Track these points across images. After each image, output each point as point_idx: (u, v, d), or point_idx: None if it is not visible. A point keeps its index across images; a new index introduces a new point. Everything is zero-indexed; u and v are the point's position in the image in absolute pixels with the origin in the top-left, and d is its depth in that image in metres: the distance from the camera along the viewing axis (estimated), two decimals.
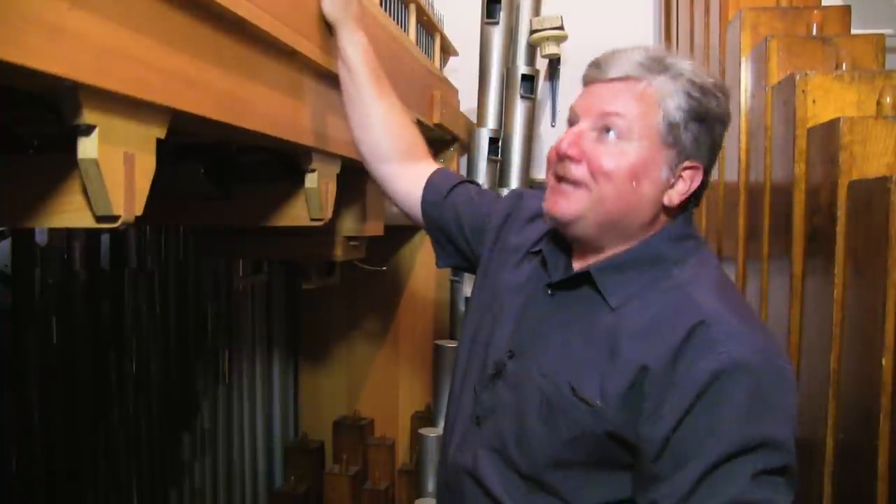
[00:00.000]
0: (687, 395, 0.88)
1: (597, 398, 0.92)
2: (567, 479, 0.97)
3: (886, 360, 1.17)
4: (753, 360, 0.88)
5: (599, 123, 0.97)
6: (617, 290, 0.97)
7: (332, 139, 1.37)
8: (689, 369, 0.88)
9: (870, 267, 1.22)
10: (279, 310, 2.90)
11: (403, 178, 1.31)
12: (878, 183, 1.21)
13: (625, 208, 0.97)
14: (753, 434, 0.87)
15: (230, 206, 1.57)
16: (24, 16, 0.59)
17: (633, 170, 0.95)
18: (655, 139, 0.96)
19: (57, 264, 1.88)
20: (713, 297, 0.94)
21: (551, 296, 1.04)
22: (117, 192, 0.76)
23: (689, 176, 0.98)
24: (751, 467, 0.87)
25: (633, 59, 0.97)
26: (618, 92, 0.97)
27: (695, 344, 0.88)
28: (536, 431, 0.98)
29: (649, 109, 0.95)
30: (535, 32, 2.55)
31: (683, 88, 0.96)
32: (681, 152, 0.97)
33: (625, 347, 0.93)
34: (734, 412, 0.87)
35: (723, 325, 0.90)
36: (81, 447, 1.92)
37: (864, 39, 1.66)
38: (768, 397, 0.89)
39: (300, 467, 2.79)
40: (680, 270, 0.97)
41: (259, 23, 0.98)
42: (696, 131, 0.96)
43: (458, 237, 1.27)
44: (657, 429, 0.89)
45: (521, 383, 1.02)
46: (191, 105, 0.87)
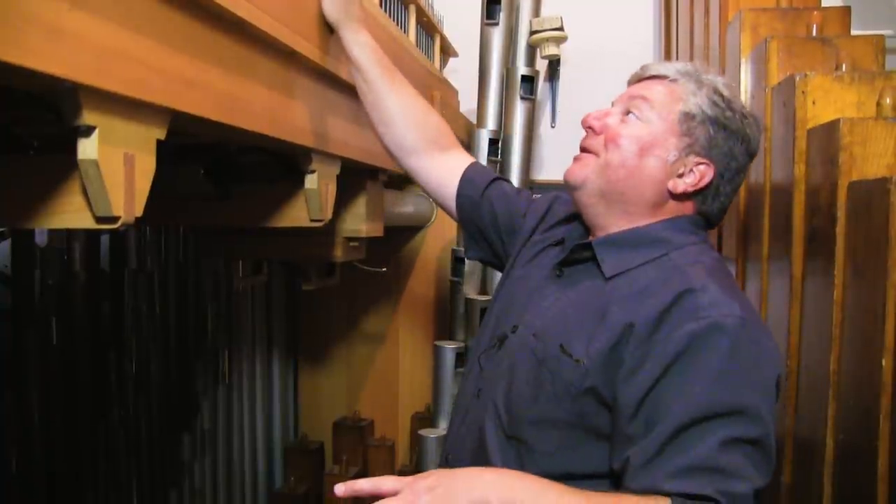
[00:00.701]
0: (664, 357, 0.90)
1: (582, 356, 0.97)
2: (546, 441, 0.99)
3: (886, 361, 1.17)
4: (733, 327, 0.91)
5: (626, 106, 1.06)
6: (613, 262, 1.03)
7: (331, 140, 1.37)
8: (670, 332, 0.91)
9: (870, 268, 1.22)
10: (279, 310, 2.90)
11: (434, 169, 1.33)
12: (878, 184, 1.21)
13: (627, 179, 1.03)
14: (724, 399, 0.89)
15: (230, 206, 1.57)
16: (24, 16, 0.59)
17: (640, 142, 1.03)
18: (670, 124, 1.03)
19: (57, 265, 1.88)
20: (705, 273, 0.97)
21: (559, 276, 1.10)
22: (117, 192, 0.76)
23: (699, 172, 1.03)
24: (721, 432, 0.88)
25: (673, 66, 1.07)
26: (650, 84, 1.07)
27: (680, 308, 0.92)
28: (522, 389, 1.02)
29: (672, 100, 1.03)
30: (535, 33, 2.56)
31: (708, 95, 1.03)
32: (692, 144, 1.03)
33: (612, 311, 0.97)
34: (707, 375, 0.89)
35: (709, 293, 0.93)
36: (81, 447, 1.92)
37: (864, 40, 1.66)
38: (744, 365, 0.91)
39: (300, 468, 2.79)
40: (679, 255, 1.02)
41: (259, 23, 0.98)
42: (711, 132, 1.03)
43: (492, 233, 1.31)
44: (633, 389, 0.92)
45: (517, 349, 1.06)
46: (191, 106, 0.87)
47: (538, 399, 1.00)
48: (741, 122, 1.05)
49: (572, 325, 1.01)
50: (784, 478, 1.53)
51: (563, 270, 1.10)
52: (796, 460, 1.50)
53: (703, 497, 0.86)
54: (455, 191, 1.31)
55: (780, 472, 1.53)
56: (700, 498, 0.86)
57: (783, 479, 1.53)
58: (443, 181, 1.32)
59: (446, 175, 1.32)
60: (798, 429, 1.49)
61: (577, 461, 0.98)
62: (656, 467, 0.89)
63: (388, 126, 1.30)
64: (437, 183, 1.33)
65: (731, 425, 0.88)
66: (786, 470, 1.52)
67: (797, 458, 1.50)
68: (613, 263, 1.03)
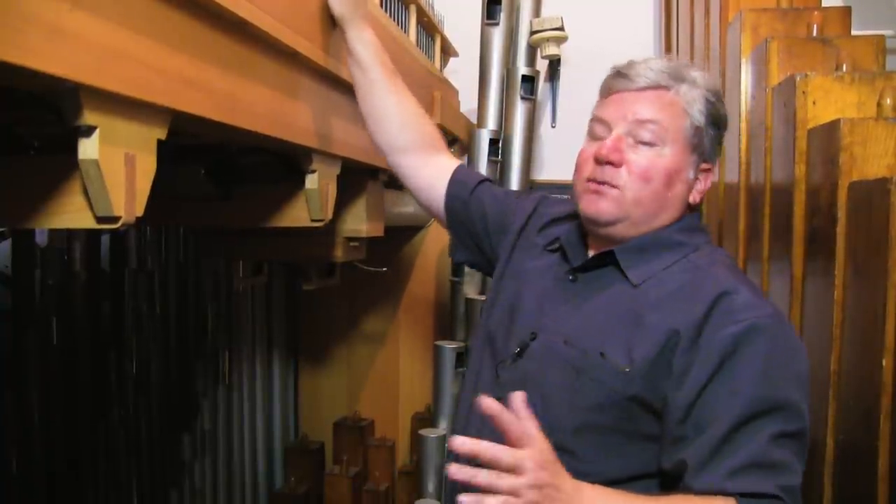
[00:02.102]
0: (710, 361, 0.93)
1: (625, 363, 0.97)
2: (589, 446, 0.99)
3: (887, 361, 1.17)
4: (769, 326, 0.95)
5: (635, 130, 1.04)
6: (638, 269, 1.04)
7: (332, 140, 1.37)
8: (713, 335, 0.94)
9: (870, 268, 1.22)
10: (279, 311, 2.89)
11: (424, 169, 1.34)
12: (879, 184, 1.21)
13: (659, 209, 1.05)
14: (771, 396, 0.92)
15: (230, 206, 1.57)
16: (24, 16, 0.59)
17: (668, 173, 1.03)
18: (684, 144, 1.04)
19: (57, 265, 1.88)
20: (729, 274, 1.02)
21: (573, 281, 1.10)
22: (118, 192, 0.76)
23: (705, 176, 1.08)
24: (770, 428, 0.91)
25: (658, 69, 1.05)
26: (649, 100, 1.04)
27: (718, 312, 0.95)
28: (562, 398, 1.01)
29: (678, 116, 1.04)
30: (536, 33, 2.55)
31: (703, 95, 1.05)
32: (702, 154, 1.06)
33: (650, 317, 0.99)
34: (752, 374, 0.93)
35: (742, 294, 0.97)
36: (81, 447, 1.92)
37: (865, 40, 1.65)
38: (782, 362, 0.95)
39: (300, 468, 2.79)
40: (697, 256, 1.05)
41: (259, 24, 0.98)
42: (713, 134, 1.07)
43: (481, 234, 1.31)
44: (683, 392, 0.94)
45: (545, 356, 1.06)
46: (191, 106, 0.87)
47: (579, 407, 1.00)
48: (723, 107, 1.08)
49: (607, 331, 1.01)
50: None
51: (577, 276, 1.10)
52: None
53: (767, 495, 0.90)
54: (443, 191, 1.32)
55: None
56: (763, 496, 0.90)
57: None
58: (432, 182, 1.34)
59: (435, 176, 1.33)
60: None
61: (619, 465, 0.99)
62: (715, 467, 0.91)
63: (382, 124, 1.30)
64: (427, 184, 1.34)
65: (778, 421, 0.92)
66: None
67: None
68: (640, 270, 1.04)
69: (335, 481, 2.68)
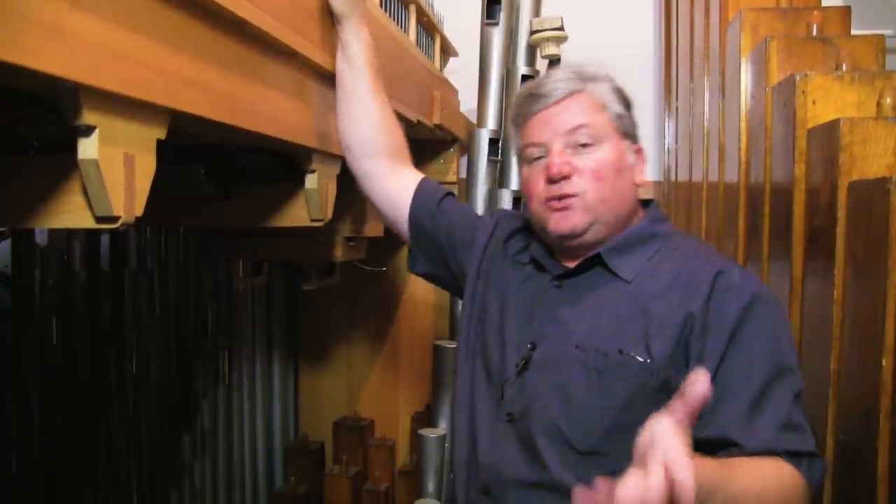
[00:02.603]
0: (723, 335, 0.98)
1: (645, 356, 1.00)
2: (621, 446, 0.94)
3: (887, 361, 1.17)
4: (766, 296, 1.03)
5: (571, 139, 1.08)
6: (627, 266, 1.08)
7: (332, 140, 1.37)
8: (721, 312, 0.99)
9: (870, 268, 1.22)
10: (279, 310, 2.89)
11: (390, 178, 1.33)
12: (879, 184, 1.21)
13: (620, 201, 1.10)
14: (783, 360, 0.99)
15: (230, 206, 1.57)
16: (24, 16, 0.59)
17: (614, 165, 1.09)
18: (615, 134, 1.10)
19: (57, 265, 1.88)
20: (715, 256, 1.09)
21: (558, 287, 1.12)
22: (117, 192, 0.76)
23: (639, 157, 1.14)
24: (789, 388, 0.98)
25: (566, 77, 1.12)
26: (571, 108, 1.10)
27: (719, 290, 1.01)
28: (588, 403, 1.02)
29: (600, 112, 1.10)
30: (535, 33, 2.55)
31: (610, 86, 1.12)
32: (630, 138, 1.13)
33: (656, 307, 1.02)
34: (763, 341, 0.99)
35: (735, 271, 1.04)
36: (81, 447, 1.92)
37: (865, 40, 1.65)
38: (781, 326, 1.03)
39: (300, 468, 2.79)
40: (674, 244, 1.11)
41: (259, 23, 0.98)
42: (630, 117, 1.14)
43: (447, 247, 1.31)
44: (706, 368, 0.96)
45: (556, 365, 1.06)
46: (191, 106, 0.87)
47: (608, 408, 1.00)
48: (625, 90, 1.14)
49: (618, 329, 1.03)
50: None
51: (562, 282, 1.12)
52: None
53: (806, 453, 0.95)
54: (409, 202, 1.32)
55: None
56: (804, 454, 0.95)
57: None
58: (397, 191, 1.33)
59: (401, 185, 1.34)
60: None
61: None
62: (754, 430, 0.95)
63: (356, 123, 1.29)
64: (392, 192, 1.34)
65: (793, 382, 0.99)
66: None
67: None
68: (628, 267, 1.08)
69: (335, 481, 2.68)
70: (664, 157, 2.82)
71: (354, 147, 1.32)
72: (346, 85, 1.28)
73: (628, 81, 1.16)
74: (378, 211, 1.40)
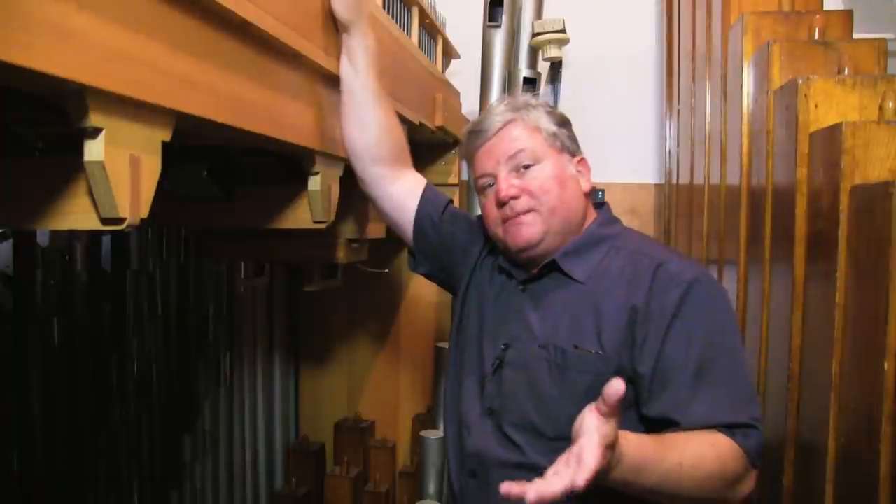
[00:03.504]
0: (664, 321, 1.08)
1: (597, 348, 1.12)
2: None
3: (888, 365, 1.17)
4: (704, 281, 1.13)
5: (512, 163, 1.20)
6: (580, 268, 1.19)
7: (335, 142, 1.37)
8: (661, 300, 1.09)
9: (872, 271, 1.22)
10: (281, 312, 2.90)
11: (396, 183, 1.40)
12: (881, 187, 1.21)
13: (569, 209, 1.20)
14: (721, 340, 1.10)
15: (232, 207, 1.57)
16: (32, 18, 0.59)
17: (558, 178, 1.20)
18: (552, 150, 1.22)
19: (58, 266, 1.88)
20: (657, 249, 1.20)
21: (523, 291, 1.24)
22: (123, 194, 0.76)
23: (583, 167, 1.25)
24: (727, 368, 1.08)
25: (501, 111, 1.24)
26: (508, 136, 1.22)
27: (659, 280, 1.11)
28: (553, 395, 1.13)
29: (534, 133, 1.22)
30: (537, 36, 2.56)
31: (543, 111, 1.24)
32: (568, 151, 1.24)
33: (605, 302, 1.13)
34: (701, 324, 1.09)
35: (674, 262, 1.14)
36: (82, 448, 1.92)
37: (866, 44, 1.66)
38: (720, 308, 1.13)
39: (301, 469, 2.79)
40: (621, 242, 1.22)
41: (263, 26, 0.98)
42: (566, 132, 1.25)
43: (447, 252, 1.41)
44: (646, 355, 1.08)
45: (525, 362, 1.19)
46: (195, 107, 0.87)
47: (573, 397, 1.09)
48: (558, 111, 1.27)
49: (574, 326, 1.15)
50: (786, 481, 1.53)
51: (526, 287, 1.24)
52: (798, 463, 1.50)
53: (744, 424, 1.04)
54: (414, 207, 1.40)
55: (781, 474, 1.53)
56: (741, 426, 1.04)
57: (784, 481, 1.53)
58: (403, 195, 1.41)
59: (406, 190, 1.41)
60: (800, 432, 1.49)
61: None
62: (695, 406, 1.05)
63: (363, 130, 1.34)
64: (398, 196, 1.41)
65: (732, 361, 1.09)
66: (787, 473, 1.52)
67: (799, 461, 1.50)
68: (581, 269, 1.19)
69: (336, 482, 2.68)
70: (665, 159, 2.82)
71: (360, 153, 1.36)
72: (352, 92, 1.31)
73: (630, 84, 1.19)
74: (381, 214, 1.46)
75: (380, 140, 1.34)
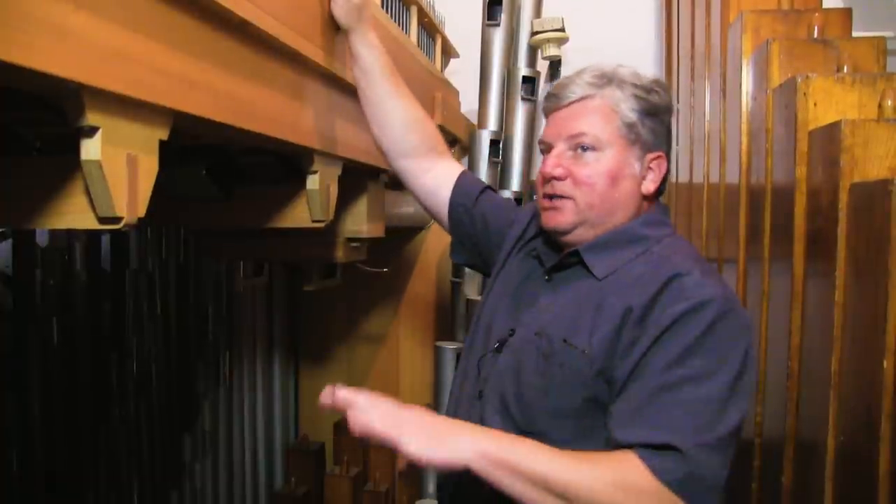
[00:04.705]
0: (654, 333, 0.99)
1: (585, 345, 1.04)
2: (563, 429, 1.05)
3: (888, 362, 1.17)
4: (716, 304, 0.99)
5: (572, 143, 1.11)
6: (602, 264, 1.10)
7: (334, 141, 1.37)
8: (662, 312, 0.99)
9: (871, 269, 1.22)
10: (280, 311, 2.89)
11: (427, 174, 1.38)
12: (880, 185, 1.21)
13: (611, 208, 1.11)
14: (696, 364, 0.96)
15: (231, 207, 1.57)
16: (30, 18, 0.59)
17: (610, 174, 1.09)
18: (621, 142, 1.10)
19: (58, 265, 1.88)
20: (688, 261, 1.07)
21: (548, 281, 1.17)
22: (120, 193, 0.76)
23: (656, 165, 1.12)
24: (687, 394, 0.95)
25: (583, 81, 1.12)
26: (577, 113, 1.11)
27: (669, 291, 1.01)
28: (533, 384, 1.08)
29: (608, 118, 1.10)
30: (536, 34, 2.56)
31: (631, 92, 1.10)
32: (643, 146, 1.11)
33: (609, 301, 1.05)
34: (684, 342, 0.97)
35: (693, 276, 1.02)
36: (82, 448, 1.92)
37: (866, 42, 1.66)
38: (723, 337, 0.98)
39: (301, 468, 2.79)
40: (660, 248, 1.10)
41: (261, 25, 0.98)
42: (651, 125, 1.11)
43: (482, 241, 1.37)
44: (626, 363, 1.00)
45: (520, 348, 1.13)
46: (193, 107, 0.87)
47: (550, 391, 1.05)
48: (659, 96, 1.12)
49: (572, 321, 1.08)
50: (785, 478, 1.53)
51: (552, 276, 1.16)
52: (797, 461, 1.50)
53: (668, 447, 0.93)
54: (448, 197, 1.37)
55: (781, 472, 1.53)
56: (664, 448, 0.93)
57: (784, 479, 1.53)
58: (436, 187, 1.38)
59: (440, 181, 1.38)
60: (799, 430, 1.49)
61: (592, 443, 1.03)
62: (630, 425, 0.97)
63: (387, 128, 1.33)
64: (431, 188, 1.38)
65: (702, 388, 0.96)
66: (787, 471, 1.52)
67: (798, 459, 1.50)
68: (604, 265, 1.10)
69: (336, 482, 2.68)
70: None
71: (389, 151, 1.36)
72: (366, 94, 1.31)
73: None
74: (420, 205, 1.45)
75: (403, 135, 1.33)
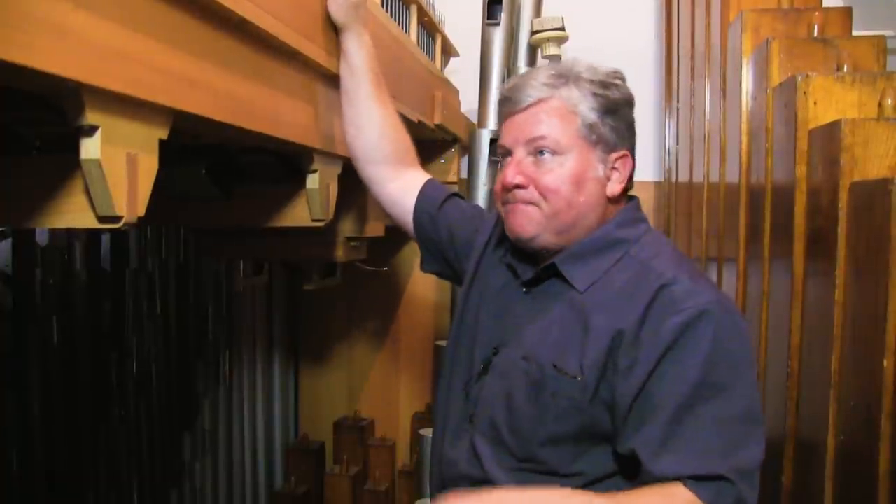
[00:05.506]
0: (655, 351, 0.95)
1: (576, 371, 1.00)
2: (559, 455, 1.02)
3: (888, 362, 1.17)
4: (713, 312, 0.96)
5: (531, 148, 1.06)
6: (582, 275, 1.06)
7: (334, 140, 1.37)
8: (658, 327, 0.96)
9: (871, 268, 1.22)
10: (280, 311, 2.89)
11: (393, 182, 1.36)
12: (880, 184, 1.21)
13: (577, 214, 1.06)
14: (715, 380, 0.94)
15: (231, 206, 1.57)
16: (29, 17, 0.59)
17: (574, 178, 1.05)
18: (582, 143, 1.05)
19: (58, 265, 1.88)
20: (671, 265, 1.03)
21: (526, 293, 1.12)
22: (120, 192, 0.76)
23: (621, 164, 1.08)
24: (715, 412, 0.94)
25: (538, 82, 1.06)
26: (535, 117, 1.06)
27: (660, 304, 0.97)
28: (526, 413, 1.03)
29: (567, 120, 1.04)
30: (536, 33, 2.55)
31: (589, 90, 1.05)
32: (606, 146, 1.06)
33: (595, 320, 1.00)
34: (698, 360, 0.94)
35: (682, 284, 0.98)
36: (82, 447, 1.92)
37: (866, 41, 1.65)
38: (729, 346, 0.96)
39: (300, 468, 2.79)
40: (638, 249, 1.06)
41: (261, 24, 0.98)
42: (612, 123, 1.06)
43: (448, 248, 1.34)
44: (629, 385, 0.96)
45: (507, 372, 1.08)
46: (192, 106, 0.87)
47: (545, 420, 1.02)
48: (619, 89, 1.07)
49: (559, 342, 1.03)
50: (785, 478, 1.53)
51: (530, 289, 1.12)
52: (797, 461, 1.50)
53: (716, 477, 0.91)
54: (412, 205, 1.35)
55: (780, 472, 1.53)
56: (712, 478, 0.91)
57: (784, 479, 1.53)
58: (401, 195, 1.36)
59: (406, 189, 1.36)
60: (799, 429, 1.49)
61: (593, 466, 1.01)
62: (666, 454, 0.93)
63: (361, 130, 1.32)
64: (397, 196, 1.37)
65: (719, 402, 0.94)
66: (787, 470, 1.52)
67: (798, 459, 1.49)
68: (583, 276, 1.06)
69: (335, 481, 2.68)
70: (665, 157, 2.82)
71: (360, 154, 1.35)
72: (349, 93, 1.30)
73: (629, 82, 1.14)
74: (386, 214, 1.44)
75: (377, 141, 1.32)
